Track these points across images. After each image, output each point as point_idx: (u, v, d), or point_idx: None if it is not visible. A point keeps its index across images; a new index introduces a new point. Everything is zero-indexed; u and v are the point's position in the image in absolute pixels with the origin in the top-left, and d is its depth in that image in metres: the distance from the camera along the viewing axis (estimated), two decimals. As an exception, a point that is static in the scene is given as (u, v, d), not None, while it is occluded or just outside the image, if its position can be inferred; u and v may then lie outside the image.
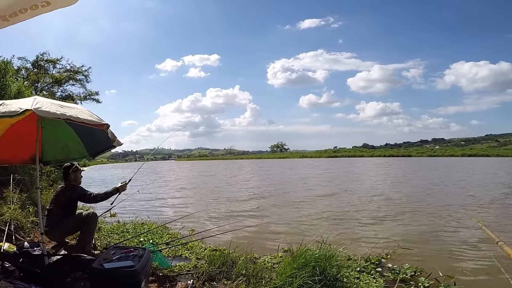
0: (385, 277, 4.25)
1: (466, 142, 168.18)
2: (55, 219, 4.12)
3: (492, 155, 68.87)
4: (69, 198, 4.25)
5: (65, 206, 4.21)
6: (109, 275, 2.77)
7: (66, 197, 4.23)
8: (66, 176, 4.41)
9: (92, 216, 4.30)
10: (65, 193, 4.24)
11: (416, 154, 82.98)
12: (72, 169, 4.39)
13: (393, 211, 9.23)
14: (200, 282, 3.75)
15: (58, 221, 4.12)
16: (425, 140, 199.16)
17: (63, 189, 4.29)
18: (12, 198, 5.61)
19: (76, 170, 4.44)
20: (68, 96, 30.25)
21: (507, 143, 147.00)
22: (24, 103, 2.87)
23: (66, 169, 4.40)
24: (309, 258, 3.75)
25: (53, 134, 4.24)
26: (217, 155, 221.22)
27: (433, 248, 5.77)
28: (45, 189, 8.62)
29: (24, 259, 3.32)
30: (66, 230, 4.27)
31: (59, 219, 4.13)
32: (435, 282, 4.07)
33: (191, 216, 8.78)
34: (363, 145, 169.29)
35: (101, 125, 3.19)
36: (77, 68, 31.23)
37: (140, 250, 3.23)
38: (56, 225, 4.11)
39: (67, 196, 4.23)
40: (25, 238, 4.81)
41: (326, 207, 10.12)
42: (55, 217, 4.14)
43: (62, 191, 4.26)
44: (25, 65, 28.44)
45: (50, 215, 4.16)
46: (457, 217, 8.13)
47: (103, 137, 3.77)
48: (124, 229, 6.41)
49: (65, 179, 4.42)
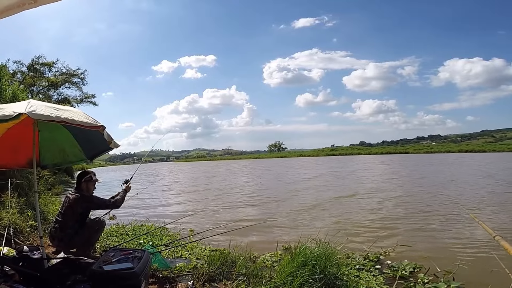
0: (384, 274, 4.27)
1: (462, 138, 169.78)
2: (71, 232, 3.92)
3: (489, 151, 69.48)
4: (86, 208, 4.09)
5: (80, 217, 4.04)
6: (109, 277, 2.77)
7: (83, 208, 4.04)
8: (78, 184, 4.18)
9: (102, 222, 4.28)
10: (81, 204, 4.00)
11: (413, 151, 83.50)
12: (85, 178, 4.17)
13: (390, 208, 9.29)
14: (200, 283, 3.75)
15: (74, 234, 3.94)
16: (421, 137, 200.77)
17: (77, 200, 3.99)
18: (10, 202, 5.58)
19: (89, 180, 4.20)
20: (65, 99, 30.14)
21: (503, 138, 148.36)
22: (18, 107, 2.86)
23: (79, 177, 4.21)
24: (308, 256, 3.76)
25: (50, 138, 4.20)
26: (215, 155, 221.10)
27: (431, 244, 5.81)
28: (43, 193, 8.58)
29: (23, 262, 3.31)
30: (82, 241, 4.04)
31: (75, 232, 3.94)
32: (434, 278, 4.10)
33: (191, 217, 8.79)
34: (360, 143, 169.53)
35: (97, 127, 3.17)
36: (73, 71, 31.13)
37: (139, 252, 3.23)
38: (72, 238, 3.93)
39: (84, 207, 4.05)
40: (24, 242, 4.79)
41: (324, 206, 10.15)
42: (71, 230, 3.92)
43: (77, 202, 3.98)
44: (20, 69, 28.34)
45: (64, 228, 3.92)
46: (455, 213, 8.17)
47: (99, 140, 3.75)
48: (124, 231, 6.39)
49: (77, 187, 4.18)
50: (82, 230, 4.01)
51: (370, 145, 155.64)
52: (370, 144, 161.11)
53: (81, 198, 4.02)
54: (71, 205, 3.98)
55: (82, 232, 4.00)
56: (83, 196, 4.05)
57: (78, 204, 3.98)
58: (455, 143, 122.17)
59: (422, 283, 3.91)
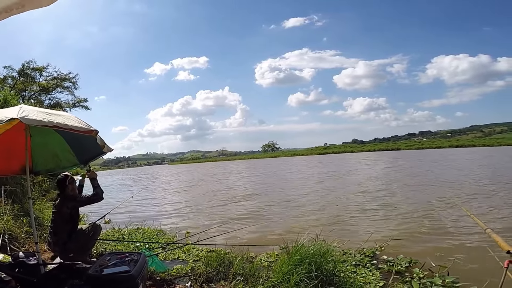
0: (380, 269, 4.34)
1: (452, 134, 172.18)
2: (64, 236, 3.89)
3: (478, 145, 70.15)
4: (73, 208, 4.04)
5: (69, 218, 3.98)
6: (106, 281, 2.76)
7: (70, 208, 3.99)
8: (63, 189, 4.10)
9: (98, 227, 4.27)
10: (67, 204, 3.97)
11: (405, 147, 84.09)
12: (68, 180, 4.11)
13: (383, 204, 9.38)
14: (198, 284, 3.76)
15: (68, 237, 3.90)
16: (412, 133, 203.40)
17: (63, 201, 3.99)
18: (4, 209, 5.54)
19: (72, 181, 4.17)
20: (57, 104, 29.85)
21: (492, 133, 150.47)
22: (9, 112, 2.84)
23: (62, 181, 4.10)
24: (304, 255, 3.78)
25: (42, 143, 4.17)
26: (209, 157, 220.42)
27: (425, 238, 5.89)
28: (37, 199, 8.50)
29: (19, 269, 3.29)
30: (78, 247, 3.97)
31: (67, 236, 3.90)
32: (429, 272, 4.16)
33: (187, 219, 8.79)
34: (352, 141, 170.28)
35: (90, 131, 3.16)
36: (64, 75, 30.85)
37: (136, 255, 3.22)
38: (66, 243, 3.88)
39: (71, 207, 4.02)
40: (20, 249, 4.76)
41: (319, 204, 10.21)
42: (63, 233, 3.89)
43: (64, 204, 3.97)
44: (11, 74, 28.00)
45: (57, 232, 3.90)
46: (447, 207, 8.28)
47: (92, 144, 3.71)
48: (120, 235, 6.37)
49: (62, 192, 4.11)
50: (76, 234, 3.99)
51: (362, 142, 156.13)
52: (362, 142, 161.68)
53: (66, 198, 4.02)
54: (59, 208, 3.98)
55: (76, 237, 3.98)
56: (66, 196, 4.05)
57: (64, 204, 3.97)
58: (445, 139, 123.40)
59: (418, 278, 3.96)
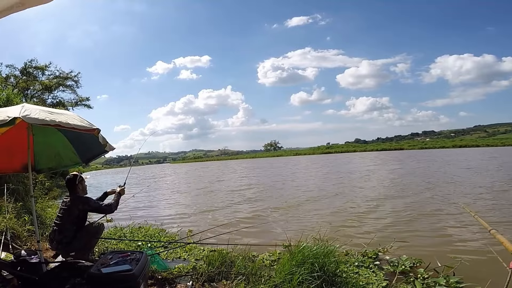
0: (384, 270, 4.29)
1: (456, 134, 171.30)
2: (69, 235, 3.89)
3: (482, 145, 69.82)
4: (83, 211, 4.04)
5: (77, 219, 3.99)
6: (107, 280, 2.75)
7: (80, 210, 3.99)
8: (73, 188, 4.11)
9: (101, 226, 4.27)
10: (78, 206, 3.96)
11: (408, 147, 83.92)
12: (78, 179, 4.12)
13: (386, 205, 9.34)
14: (199, 283, 3.75)
15: (73, 237, 3.90)
16: (415, 133, 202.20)
17: (74, 202, 3.98)
18: (7, 207, 5.55)
19: (82, 180, 4.19)
20: (59, 103, 30.04)
21: (495, 133, 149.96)
22: (12, 111, 2.85)
23: (72, 180, 4.11)
24: (307, 254, 3.76)
25: (44, 142, 4.18)
26: (211, 156, 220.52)
27: (429, 239, 5.83)
28: (39, 197, 8.53)
29: (22, 267, 3.30)
30: (81, 245, 4.00)
31: (73, 235, 3.91)
32: (434, 273, 4.09)
33: (189, 218, 8.78)
34: (355, 140, 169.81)
35: (92, 130, 3.17)
36: (66, 73, 31.01)
37: (137, 254, 3.22)
38: (71, 242, 3.89)
39: (81, 210, 4.00)
40: (22, 247, 4.76)
41: (321, 205, 10.20)
42: (69, 232, 3.89)
43: (74, 204, 3.96)
44: (13, 73, 28.18)
45: (62, 231, 3.89)
46: (451, 208, 8.23)
47: (95, 143, 3.73)
48: (121, 233, 6.37)
49: (72, 191, 4.11)
50: (81, 234, 3.98)
51: (365, 142, 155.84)
52: (365, 141, 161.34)
53: (77, 198, 4.00)
54: (68, 207, 3.95)
55: (81, 236, 3.97)
56: (79, 197, 4.04)
57: (75, 205, 3.95)
58: (449, 139, 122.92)
59: (422, 278, 3.91)
